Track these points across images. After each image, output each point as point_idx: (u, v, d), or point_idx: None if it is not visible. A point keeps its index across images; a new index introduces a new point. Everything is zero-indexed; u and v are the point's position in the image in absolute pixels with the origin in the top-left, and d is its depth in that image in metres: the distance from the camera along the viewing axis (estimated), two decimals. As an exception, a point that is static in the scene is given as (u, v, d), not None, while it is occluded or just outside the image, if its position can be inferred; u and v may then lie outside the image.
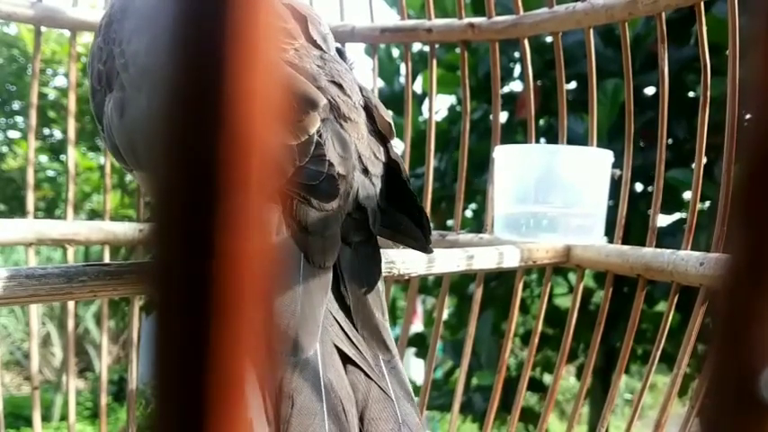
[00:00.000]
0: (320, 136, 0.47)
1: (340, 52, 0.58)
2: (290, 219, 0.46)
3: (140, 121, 0.49)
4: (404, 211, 0.52)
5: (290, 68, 0.48)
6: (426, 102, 1.09)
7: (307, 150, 0.46)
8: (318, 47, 0.53)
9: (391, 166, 0.52)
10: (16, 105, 3.62)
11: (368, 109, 0.53)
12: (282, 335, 0.42)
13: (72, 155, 0.89)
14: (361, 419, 0.42)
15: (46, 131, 3.41)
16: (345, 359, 0.44)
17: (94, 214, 3.02)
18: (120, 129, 0.51)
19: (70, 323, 0.88)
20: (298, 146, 0.45)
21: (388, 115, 0.55)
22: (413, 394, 0.46)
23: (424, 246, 0.52)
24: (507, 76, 1.95)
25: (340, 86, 0.51)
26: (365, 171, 0.49)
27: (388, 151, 0.53)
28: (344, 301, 0.46)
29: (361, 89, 0.54)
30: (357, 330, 0.46)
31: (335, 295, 0.46)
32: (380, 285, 0.49)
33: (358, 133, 0.50)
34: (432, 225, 0.53)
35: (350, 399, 0.42)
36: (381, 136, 0.53)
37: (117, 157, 0.54)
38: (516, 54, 1.84)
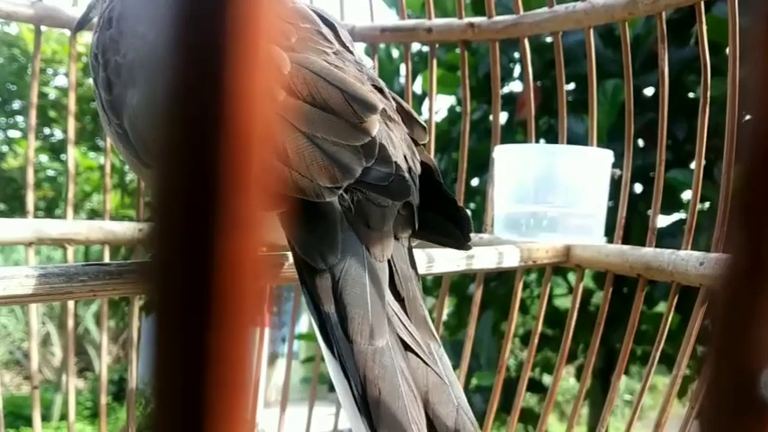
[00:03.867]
0: (381, 138, 0.49)
1: None
2: (352, 215, 0.48)
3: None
4: (440, 210, 0.54)
5: (340, 72, 0.50)
6: (426, 102, 1.09)
7: (372, 152, 0.48)
8: (351, 52, 0.55)
9: (423, 168, 0.54)
10: (17, 105, 3.63)
11: (400, 112, 0.55)
12: (360, 326, 0.44)
13: (72, 154, 0.89)
14: (425, 403, 0.44)
15: (47, 131, 3.41)
16: (406, 346, 0.46)
17: (95, 214, 3.02)
18: (154, 125, 0.50)
19: (70, 323, 0.88)
20: (362, 147, 0.47)
21: (421, 120, 0.57)
22: (457, 379, 0.48)
23: (461, 242, 0.54)
24: (507, 77, 1.95)
25: (381, 90, 0.53)
26: (408, 170, 0.51)
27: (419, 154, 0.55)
28: (399, 294, 0.49)
29: (390, 92, 0.56)
30: (410, 319, 0.48)
31: (390, 286, 0.48)
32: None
33: (401, 134, 0.53)
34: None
35: (415, 384, 0.44)
36: (413, 139, 0.55)
37: (143, 153, 0.53)
38: (516, 54, 1.84)
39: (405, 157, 0.51)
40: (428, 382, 0.45)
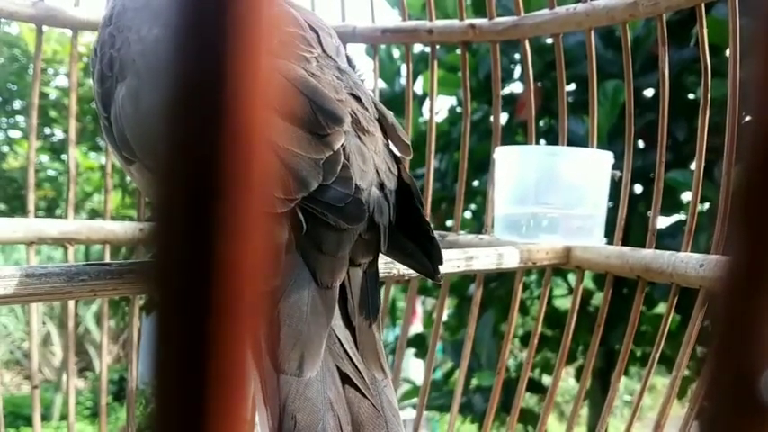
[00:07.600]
0: (345, 154, 0.47)
1: (348, 60, 0.58)
2: (302, 237, 0.45)
3: (156, 112, 0.48)
4: (413, 238, 0.51)
5: (314, 80, 0.48)
6: (427, 102, 1.09)
7: (333, 169, 0.45)
8: (333, 59, 0.53)
9: (402, 188, 0.51)
10: (18, 105, 3.63)
11: (381, 123, 0.53)
12: (289, 355, 0.42)
13: (72, 155, 0.89)
14: None
15: (47, 131, 3.41)
16: (344, 378, 0.45)
17: (95, 214, 3.03)
18: (135, 119, 0.50)
19: (70, 323, 0.88)
20: (322, 162, 0.45)
21: (405, 135, 0.55)
22: (399, 412, 0.47)
23: (431, 274, 0.52)
24: (508, 78, 1.95)
25: (358, 99, 0.51)
26: (381, 186, 0.49)
27: (400, 171, 0.52)
28: (350, 321, 0.47)
29: (374, 103, 0.54)
30: (357, 348, 0.46)
31: (342, 313, 0.46)
32: (380, 307, 0.50)
33: (375, 147, 0.50)
34: (439, 247, 0.52)
35: (346, 417, 0.43)
36: (394, 154, 0.53)
37: (123, 148, 0.52)
38: (517, 55, 1.84)
39: (377, 171, 0.49)
40: (362, 415, 0.44)
